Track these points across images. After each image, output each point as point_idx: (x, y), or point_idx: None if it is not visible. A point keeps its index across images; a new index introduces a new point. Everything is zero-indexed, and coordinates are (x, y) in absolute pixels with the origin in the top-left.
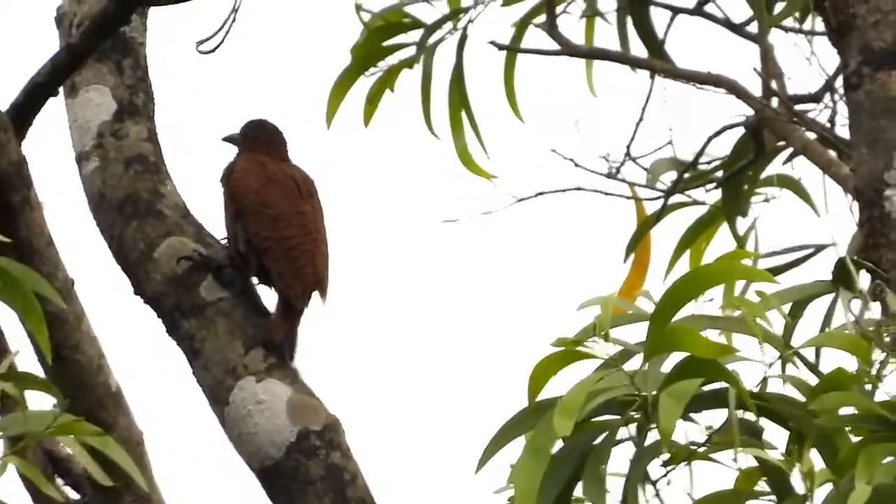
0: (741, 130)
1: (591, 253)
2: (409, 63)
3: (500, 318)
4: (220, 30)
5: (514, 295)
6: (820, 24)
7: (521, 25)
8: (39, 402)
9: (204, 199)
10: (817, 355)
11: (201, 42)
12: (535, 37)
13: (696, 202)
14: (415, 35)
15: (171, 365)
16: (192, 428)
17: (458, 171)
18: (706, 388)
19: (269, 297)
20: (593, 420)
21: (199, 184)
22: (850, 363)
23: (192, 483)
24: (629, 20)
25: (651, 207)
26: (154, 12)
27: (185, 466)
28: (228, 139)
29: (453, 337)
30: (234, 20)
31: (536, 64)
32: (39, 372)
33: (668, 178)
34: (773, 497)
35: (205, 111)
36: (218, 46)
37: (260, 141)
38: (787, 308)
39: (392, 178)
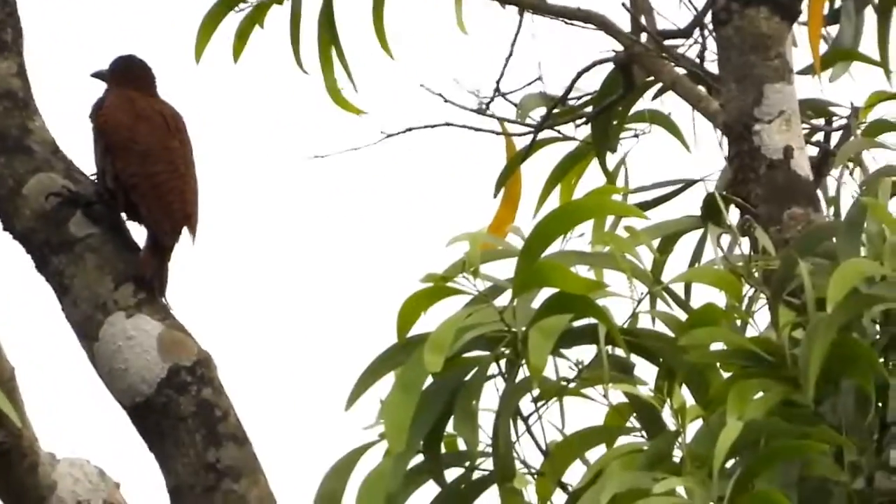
0: (611, 66)
1: (461, 189)
2: None
3: (369, 255)
4: None
5: (383, 231)
6: None
7: None
8: None
9: (73, 136)
10: (687, 291)
11: None
12: None
13: (566, 138)
14: None
15: (41, 301)
16: (63, 364)
17: (327, 107)
18: (576, 323)
19: (139, 233)
20: (463, 356)
21: (68, 120)
22: (720, 299)
23: (63, 419)
24: None
25: (521, 143)
26: None
27: (57, 402)
28: (97, 75)
29: (323, 273)
30: None
31: None
32: None
33: (538, 114)
34: (644, 433)
35: (74, 46)
36: None
37: (129, 77)
38: (656, 243)
39: (262, 114)
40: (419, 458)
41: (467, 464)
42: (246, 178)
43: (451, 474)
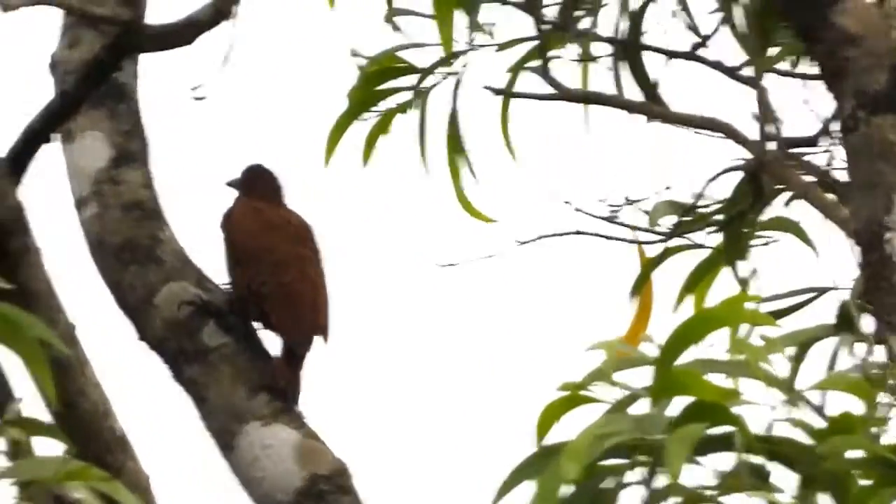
0: (740, 174)
1: (593, 296)
2: (404, 107)
3: (502, 363)
4: (213, 76)
5: (516, 339)
6: (814, 68)
7: (516, 70)
8: (47, 448)
9: (202, 246)
10: (822, 399)
11: (195, 88)
12: (532, 80)
13: (696, 245)
14: (411, 79)
15: (178, 408)
16: (199, 472)
17: (457, 215)
18: (712, 431)
19: (271, 342)
20: (601, 464)
21: (196, 230)
22: (854, 407)
23: None
24: (624, 64)
25: (651, 251)
26: (146, 58)
27: None
28: (232, 184)
29: (456, 382)
30: (226, 65)
31: (533, 107)
32: (46, 418)
33: (668, 221)
34: None
35: (201, 157)
36: (211, 93)
37: (257, 187)
38: (790, 351)
39: (391, 222)
40: None
41: None
42: (377, 287)
43: None
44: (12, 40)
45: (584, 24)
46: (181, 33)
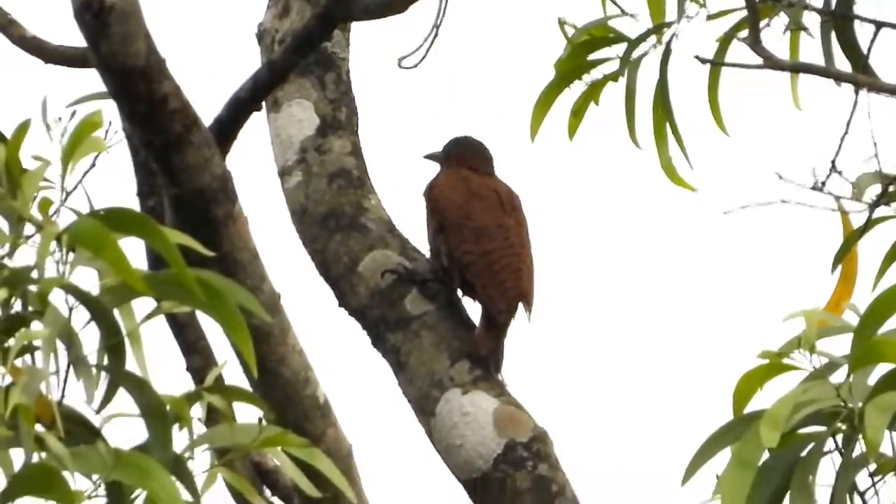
0: None
1: (797, 265)
2: (613, 77)
3: (704, 331)
4: (422, 45)
5: (718, 307)
6: None
7: (725, 40)
8: (247, 415)
9: (408, 213)
10: None
11: (404, 57)
12: (740, 49)
13: None
14: (618, 49)
15: (378, 376)
16: (399, 439)
17: (661, 184)
18: None
19: (474, 310)
20: (799, 432)
21: (403, 198)
22: None
23: (400, 494)
24: (833, 34)
25: (857, 221)
26: (356, 27)
27: (394, 478)
28: (431, 157)
29: (658, 350)
30: (436, 35)
31: (741, 76)
32: (246, 385)
33: (874, 191)
34: None
35: (408, 126)
36: (420, 62)
37: (464, 156)
38: None
39: (596, 191)
40: None
41: None
42: (580, 255)
43: None
44: (219, 9)
45: None
46: (392, 3)
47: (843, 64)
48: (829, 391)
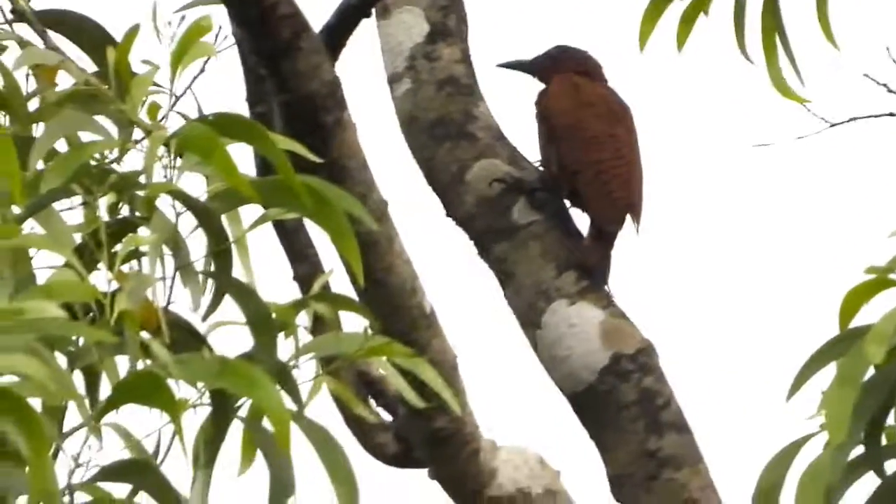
0: None
1: None
2: None
3: (811, 246)
4: None
5: (825, 222)
6: None
7: None
8: (353, 324)
9: (518, 122)
10: None
11: None
12: None
13: None
14: None
15: (483, 287)
16: (504, 351)
17: (771, 96)
18: None
19: (582, 221)
20: None
21: (513, 107)
22: None
23: (505, 406)
24: None
25: None
26: None
27: (499, 389)
28: (513, 65)
29: (763, 263)
30: None
31: None
32: (352, 294)
33: None
34: None
35: (520, 32)
36: None
37: (574, 64)
38: None
39: (705, 103)
40: (860, 449)
41: None
42: (689, 167)
43: (892, 466)
44: None
45: None
46: None
47: None
48: None
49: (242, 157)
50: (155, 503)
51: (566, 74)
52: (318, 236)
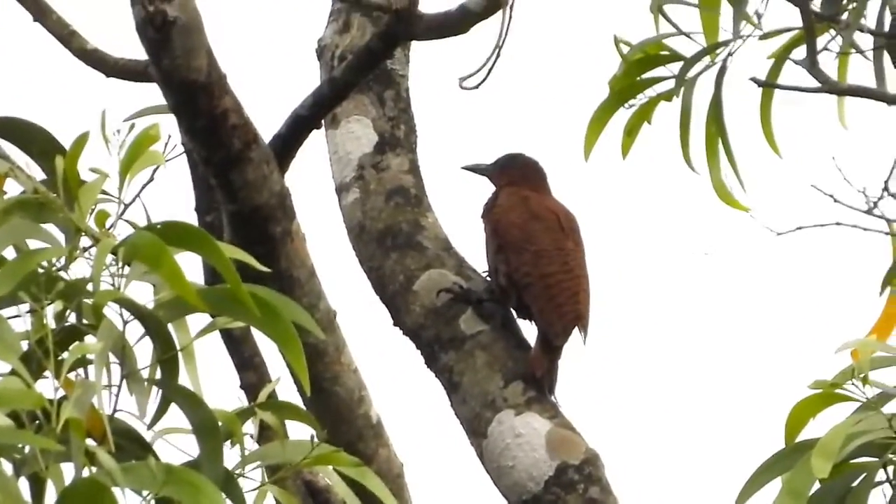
0: None
1: (847, 287)
2: (667, 96)
3: (755, 353)
4: (483, 66)
5: (771, 331)
6: None
7: (779, 60)
8: (299, 432)
9: (465, 232)
10: None
11: (465, 78)
12: (793, 70)
13: None
14: (673, 68)
15: (430, 396)
16: (450, 460)
17: (714, 204)
18: None
19: (529, 331)
20: (851, 462)
21: (460, 217)
22: None
23: None
24: (886, 57)
25: None
26: (416, 46)
27: (444, 499)
28: (473, 168)
29: (708, 373)
30: (497, 56)
31: (792, 97)
32: (299, 402)
33: None
34: None
35: (465, 144)
36: (482, 83)
37: (522, 175)
38: None
39: (649, 210)
40: None
41: None
42: (634, 276)
43: None
44: (279, 25)
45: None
46: (454, 23)
47: (893, 85)
48: (882, 422)
49: (191, 265)
50: None
51: (515, 187)
52: (266, 345)
